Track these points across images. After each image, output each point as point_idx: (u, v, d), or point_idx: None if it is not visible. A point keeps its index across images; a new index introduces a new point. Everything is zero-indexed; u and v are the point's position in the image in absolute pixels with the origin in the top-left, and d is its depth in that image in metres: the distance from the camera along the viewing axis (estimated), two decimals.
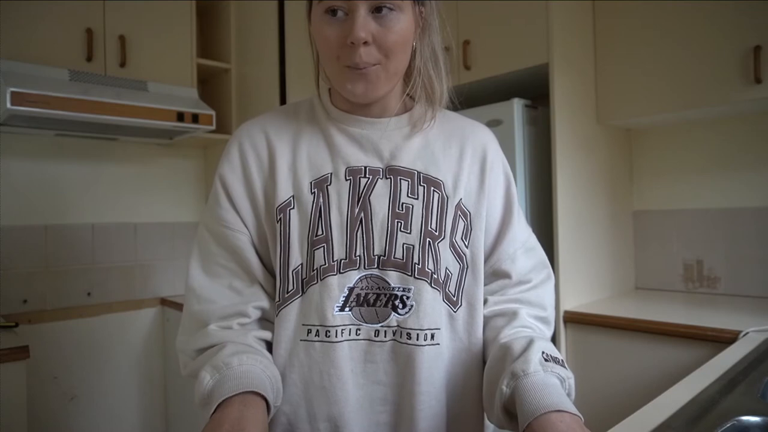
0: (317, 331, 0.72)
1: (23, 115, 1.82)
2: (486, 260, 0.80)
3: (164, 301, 2.50)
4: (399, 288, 0.72)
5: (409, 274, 0.72)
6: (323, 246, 0.72)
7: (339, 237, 0.72)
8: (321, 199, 0.73)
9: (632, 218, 2.17)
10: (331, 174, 0.74)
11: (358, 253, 0.72)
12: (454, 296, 0.75)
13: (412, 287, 0.72)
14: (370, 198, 0.73)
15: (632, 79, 1.85)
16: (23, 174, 2.18)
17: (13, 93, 1.74)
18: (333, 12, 0.68)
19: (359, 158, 0.75)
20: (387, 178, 0.75)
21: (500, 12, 1.91)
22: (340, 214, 0.72)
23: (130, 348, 2.44)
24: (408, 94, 0.79)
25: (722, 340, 1.36)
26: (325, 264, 0.71)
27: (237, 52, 2.45)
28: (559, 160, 1.76)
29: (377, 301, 0.72)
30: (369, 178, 0.74)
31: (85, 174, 2.34)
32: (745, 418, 0.77)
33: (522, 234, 0.83)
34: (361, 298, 0.72)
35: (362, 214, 0.73)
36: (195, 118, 2.17)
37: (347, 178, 0.74)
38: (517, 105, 1.81)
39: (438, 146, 0.79)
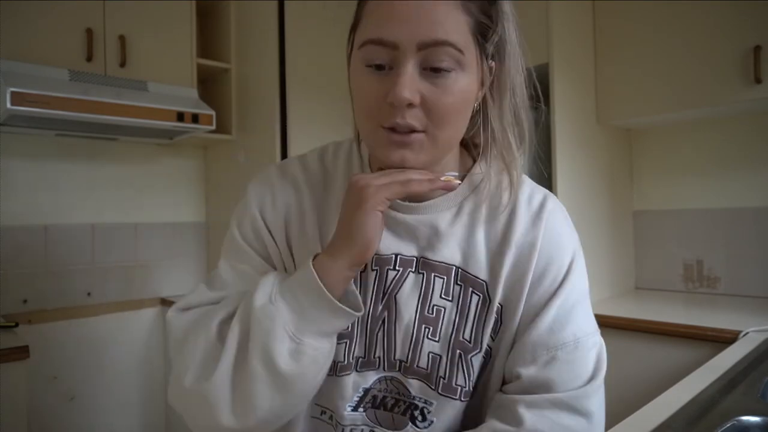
0: (331, 415, 0.66)
1: (23, 115, 1.81)
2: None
3: (164, 301, 2.49)
4: (420, 399, 0.63)
5: (433, 387, 0.63)
6: (345, 342, 0.64)
7: (360, 334, 0.64)
8: None
9: (632, 218, 2.17)
10: None
11: (377, 354, 0.64)
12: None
13: (435, 402, 0.63)
14: (397, 296, 0.64)
15: (632, 79, 1.85)
16: (23, 174, 2.18)
17: (13, 93, 1.74)
18: (375, 67, 0.56)
19: (389, 245, 0.64)
20: (419, 273, 0.64)
21: None
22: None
23: (130, 348, 2.43)
24: (470, 171, 0.66)
25: (722, 340, 1.36)
26: (344, 362, 0.64)
27: (237, 52, 2.45)
28: (559, 160, 1.75)
29: (395, 407, 0.65)
30: (398, 271, 0.64)
31: (85, 174, 2.34)
32: (745, 418, 0.77)
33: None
34: (378, 400, 0.65)
35: (385, 313, 0.64)
36: (195, 118, 2.16)
37: (373, 267, 0.64)
38: None
39: (482, 232, 0.65)
